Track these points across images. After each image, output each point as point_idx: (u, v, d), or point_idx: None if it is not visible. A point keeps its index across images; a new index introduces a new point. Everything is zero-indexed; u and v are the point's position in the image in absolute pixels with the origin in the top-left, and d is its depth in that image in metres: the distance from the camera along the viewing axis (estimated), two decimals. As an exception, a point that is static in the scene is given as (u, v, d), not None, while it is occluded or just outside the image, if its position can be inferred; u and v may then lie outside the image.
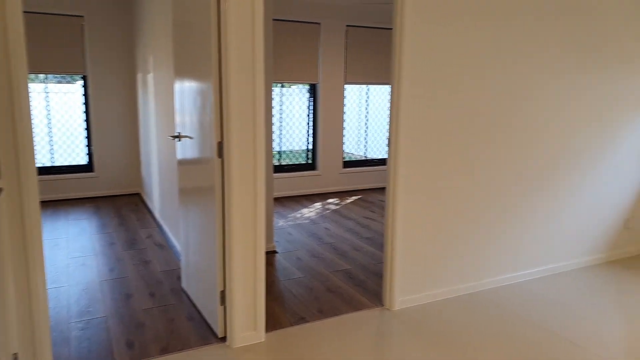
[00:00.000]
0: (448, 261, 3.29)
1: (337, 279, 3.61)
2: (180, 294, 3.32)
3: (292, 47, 6.02)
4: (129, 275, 3.64)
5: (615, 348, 2.72)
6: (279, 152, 6.46)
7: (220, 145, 2.53)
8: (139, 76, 5.77)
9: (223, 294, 2.67)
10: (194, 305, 3.14)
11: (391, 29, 6.57)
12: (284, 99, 6.36)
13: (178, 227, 4.04)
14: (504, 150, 3.34)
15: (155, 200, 5.17)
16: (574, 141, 3.63)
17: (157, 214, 5.13)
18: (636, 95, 3.85)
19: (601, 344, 2.75)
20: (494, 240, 3.44)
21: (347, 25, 6.32)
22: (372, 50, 6.56)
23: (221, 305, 2.68)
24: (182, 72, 3.04)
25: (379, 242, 4.52)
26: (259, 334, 2.70)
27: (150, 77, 5.02)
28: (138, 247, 4.28)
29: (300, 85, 6.44)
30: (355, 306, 3.17)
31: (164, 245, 4.32)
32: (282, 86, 6.33)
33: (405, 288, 3.17)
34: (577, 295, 3.38)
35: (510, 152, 3.36)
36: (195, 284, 3.10)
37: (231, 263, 2.55)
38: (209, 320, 2.88)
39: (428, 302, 3.25)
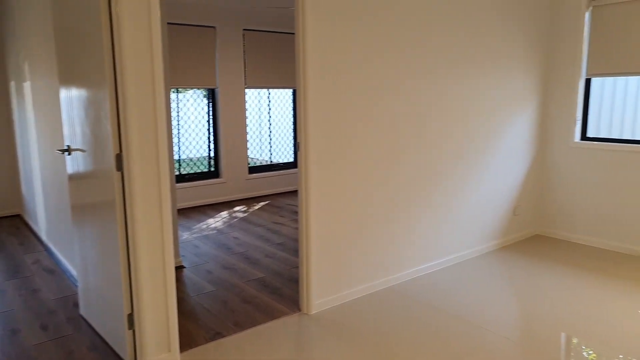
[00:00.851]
0: (362, 259, 3.34)
1: (251, 289, 3.51)
2: (79, 322, 3.01)
3: (188, 51, 5.79)
4: (14, 307, 3.23)
5: (511, 326, 2.94)
6: (179, 161, 6.18)
7: (119, 158, 2.32)
8: (12, 85, 5.18)
9: (131, 317, 2.46)
10: (97, 333, 2.86)
11: (289, 33, 6.60)
12: (180, 104, 6.10)
13: (72, 248, 3.67)
14: (409, 149, 3.47)
15: (41, 221, 4.66)
16: (470, 138, 3.89)
17: (43, 236, 4.63)
18: (515, 97, 4.22)
19: (501, 324, 2.95)
20: (404, 235, 3.57)
21: (244, 30, 6.23)
22: (271, 54, 6.53)
23: (129, 329, 2.46)
24: (68, 80, 2.75)
25: (291, 246, 4.48)
26: (174, 356, 2.52)
27: (27, 86, 4.52)
28: (23, 274, 3.83)
29: (197, 90, 6.21)
30: (273, 315, 3.10)
31: (55, 270, 3.90)
32: (178, 92, 6.06)
33: (322, 290, 3.16)
34: (479, 281, 3.62)
35: (414, 150, 3.51)
36: (97, 309, 2.83)
37: (138, 283, 2.36)
38: (116, 347, 2.64)
39: (345, 301, 3.28)
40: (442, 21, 3.52)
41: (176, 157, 6.13)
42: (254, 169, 6.73)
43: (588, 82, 4.36)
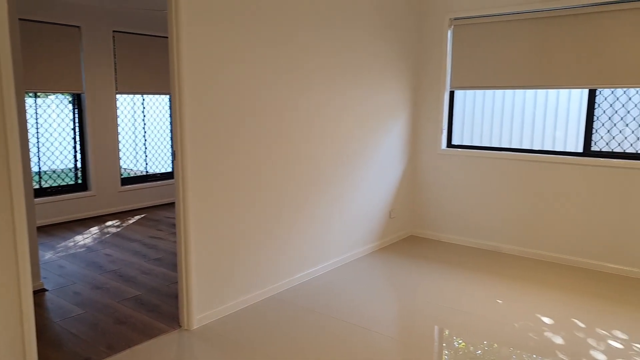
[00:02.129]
0: (245, 269, 3.27)
1: (126, 308, 3.25)
2: None
3: (47, 52, 5.25)
4: None
5: (391, 324, 3.08)
6: (38, 173, 5.55)
7: (-43, 166, 1.99)
8: None
9: (-24, 354, 2.12)
10: None
11: (163, 36, 6.30)
12: (39, 110, 5.50)
13: None
14: (290, 156, 3.48)
15: None
16: (348, 147, 4.02)
17: None
18: (390, 107, 4.48)
19: (382, 323, 3.08)
20: (286, 243, 3.56)
21: (115, 31, 5.81)
22: (145, 58, 6.17)
23: (-26, 367, 2.12)
24: None
25: (170, 261, 4.24)
26: (33, 392, 2.22)
27: None
28: None
29: (61, 95, 5.65)
30: (150, 333, 2.89)
31: None
32: (36, 96, 5.46)
33: (204, 304, 3.02)
34: (360, 283, 3.74)
35: (295, 158, 3.53)
36: None
37: (-15, 312, 2.04)
38: (-43, 391, 2.25)
39: (229, 313, 3.17)
40: (322, 37, 3.61)
41: (35, 168, 5.51)
42: (127, 180, 6.28)
43: (453, 94, 4.78)
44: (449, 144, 4.84)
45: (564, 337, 2.91)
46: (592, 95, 4.08)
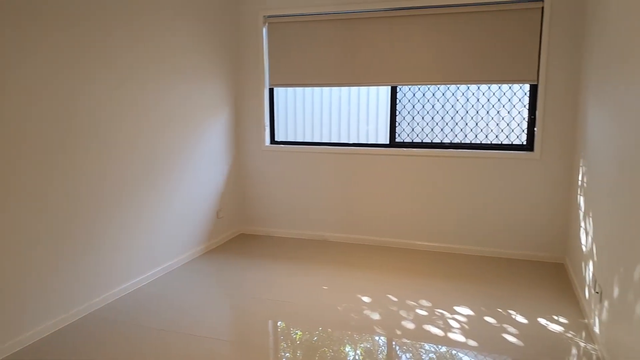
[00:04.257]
0: (48, 289, 2.87)
1: None
2: None
3: None
4: None
5: (226, 326, 3.02)
6: None
7: None
8: None
9: None
10: None
11: None
12: None
13: None
14: (98, 160, 3.15)
15: None
16: (166, 147, 3.81)
17: None
18: (210, 105, 4.37)
19: (216, 327, 2.99)
20: (95, 256, 3.23)
21: None
22: None
23: None
24: None
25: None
26: None
27: None
28: None
29: None
30: None
31: None
32: None
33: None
34: (189, 288, 3.58)
35: (105, 161, 3.21)
36: None
37: None
38: None
39: (31, 343, 2.75)
40: (132, 38, 3.34)
41: None
42: None
43: (273, 91, 4.86)
44: (273, 141, 4.93)
45: (380, 313, 3.17)
46: (393, 91, 4.52)
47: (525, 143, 4.20)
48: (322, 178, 4.71)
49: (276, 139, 4.94)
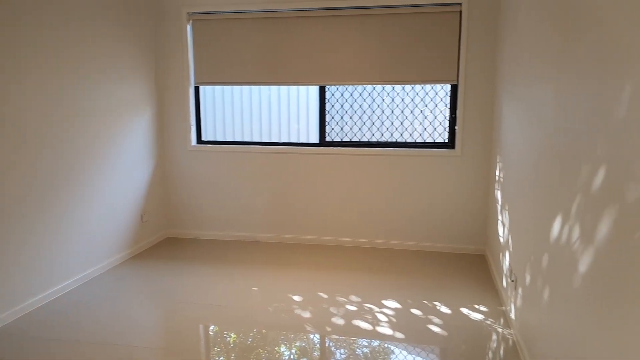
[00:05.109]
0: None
1: None
2: None
3: None
4: None
5: (155, 334, 2.89)
6: None
7: None
8: None
9: None
10: None
11: None
12: None
13: None
14: (5, 166, 2.91)
15: None
16: (82, 150, 3.59)
17: None
18: (131, 105, 4.18)
19: (144, 335, 2.86)
20: (15, 264, 2.99)
21: None
22: None
23: None
24: None
25: None
26: None
27: None
28: None
29: None
30: None
31: None
32: None
33: None
34: (112, 297, 3.40)
35: (15, 166, 2.97)
36: None
37: None
38: None
39: None
40: (60, 37, 3.11)
41: None
42: None
43: (199, 90, 4.73)
44: (199, 141, 4.80)
45: (311, 311, 3.17)
46: (322, 91, 4.55)
47: (447, 141, 4.37)
48: (252, 178, 4.65)
49: (203, 139, 4.81)
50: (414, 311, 3.17)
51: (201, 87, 4.74)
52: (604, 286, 1.51)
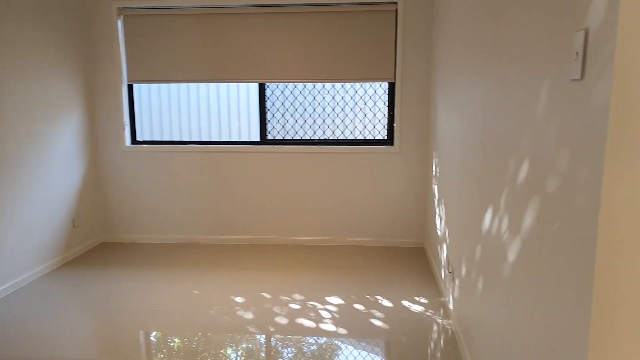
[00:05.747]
0: None
1: None
2: None
3: None
4: None
5: (92, 344, 2.75)
6: None
7: None
8: None
9: None
10: None
11: None
12: None
13: None
14: None
15: None
16: (10, 149, 3.35)
17: None
18: (56, 105, 3.95)
19: (79, 347, 2.71)
20: None
21: None
22: None
23: None
24: None
25: None
26: None
27: None
28: None
29: None
30: None
31: None
32: None
33: None
34: (41, 307, 3.20)
35: None
36: None
37: None
38: None
39: None
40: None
41: None
42: None
43: (132, 88, 4.55)
44: (134, 140, 4.62)
45: (254, 312, 3.13)
46: (262, 89, 4.50)
47: (386, 138, 4.45)
48: (191, 178, 4.53)
49: (139, 139, 4.63)
50: (357, 306, 3.20)
51: (136, 86, 4.56)
52: (530, 275, 1.59)
